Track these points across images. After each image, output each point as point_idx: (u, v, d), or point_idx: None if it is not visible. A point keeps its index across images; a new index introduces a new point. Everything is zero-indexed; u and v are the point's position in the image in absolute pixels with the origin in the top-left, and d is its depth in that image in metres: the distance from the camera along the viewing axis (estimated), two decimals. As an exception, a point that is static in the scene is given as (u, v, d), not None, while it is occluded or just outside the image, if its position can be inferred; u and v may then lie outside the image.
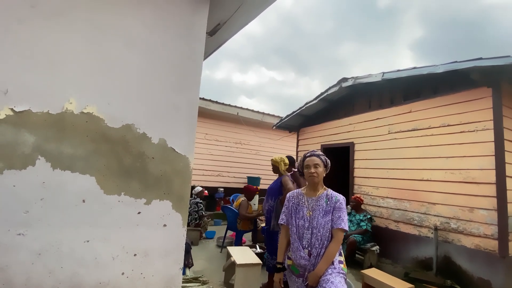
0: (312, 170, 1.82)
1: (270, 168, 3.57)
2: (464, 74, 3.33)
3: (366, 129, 4.96)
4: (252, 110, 8.29)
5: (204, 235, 5.11)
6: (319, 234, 1.73)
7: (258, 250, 3.87)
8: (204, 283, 2.48)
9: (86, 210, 1.22)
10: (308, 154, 1.89)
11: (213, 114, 7.73)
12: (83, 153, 1.24)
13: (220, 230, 5.49)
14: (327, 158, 1.90)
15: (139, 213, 1.32)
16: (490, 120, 3.28)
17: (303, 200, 1.87)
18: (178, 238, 1.39)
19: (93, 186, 1.24)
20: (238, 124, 8.40)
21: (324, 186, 1.90)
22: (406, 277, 3.30)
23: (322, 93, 5.53)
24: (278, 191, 3.12)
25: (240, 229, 4.34)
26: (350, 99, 5.47)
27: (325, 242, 1.73)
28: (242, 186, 5.84)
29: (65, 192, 1.19)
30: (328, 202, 1.79)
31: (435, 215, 3.72)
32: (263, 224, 4.64)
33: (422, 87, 4.15)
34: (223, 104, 7.72)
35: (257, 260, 2.93)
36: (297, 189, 1.99)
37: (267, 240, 3.22)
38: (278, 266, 1.86)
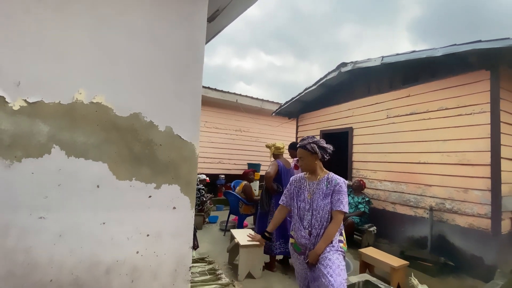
0: (299, 163, 1.98)
1: (270, 154, 3.67)
2: (463, 57, 3.34)
3: (365, 114, 5.01)
4: (251, 97, 8.28)
5: (207, 219, 5.27)
6: (318, 215, 1.83)
7: (260, 232, 4.02)
8: (210, 263, 2.62)
9: (101, 195, 1.30)
10: (298, 146, 1.99)
11: (212, 102, 7.74)
12: (95, 141, 1.30)
13: (222, 215, 5.66)
14: (313, 145, 1.87)
15: (150, 196, 1.40)
16: (487, 103, 3.33)
17: (305, 183, 1.96)
18: (187, 219, 1.48)
19: (106, 172, 1.31)
20: (238, 111, 8.41)
21: (325, 170, 1.97)
22: (402, 255, 3.46)
23: (321, 79, 5.53)
24: None
25: (242, 213, 4.48)
26: (349, 84, 5.48)
27: (324, 223, 1.82)
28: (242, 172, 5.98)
29: (81, 178, 1.26)
30: (328, 186, 1.87)
31: (430, 197, 3.84)
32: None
33: (421, 71, 4.17)
34: (222, 91, 7.70)
35: (260, 241, 3.06)
36: (300, 173, 2.07)
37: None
38: (266, 234, 2.18)
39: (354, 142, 5.20)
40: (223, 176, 7.74)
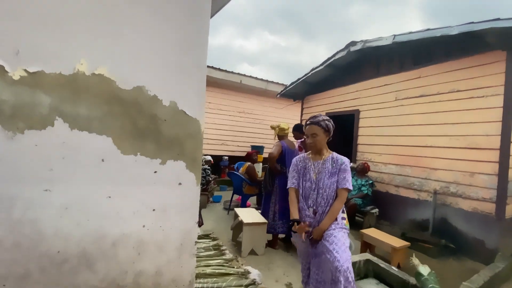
0: (310, 140, 1.88)
1: (275, 135, 3.63)
2: (479, 36, 3.18)
3: (372, 96, 4.89)
4: (256, 78, 8.12)
5: (211, 199, 5.35)
6: (325, 194, 1.83)
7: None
8: (214, 239, 2.67)
9: (106, 169, 1.28)
10: (308, 122, 1.91)
11: (216, 82, 7.61)
12: (98, 115, 1.27)
13: (226, 195, 5.73)
14: (328, 123, 1.89)
15: (155, 172, 1.39)
16: (502, 85, 3.21)
17: (309, 164, 1.94)
18: (193, 195, 1.48)
19: (110, 146, 1.29)
20: (242, 92, 8.29)
21: (329, 150, 1.96)
22: (403, 237, 3.49)
23: (329, 58, 5.36)
24: None
25: (246, 193, 4.53)
26: (357, 64, 5.31)
27: (330, 200, 1.84)
28: (245, 154, 6.01)
29: (85, 151, 1.24)
30: (334, 165, 1.87)
31: (435, 180, 3.82)
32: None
33: (434, 50, 4.00)
34: (226, 71, 7.55)
35: (262, 220, 3.10)
36: (303, 154, 2.05)
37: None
38: (296, 221, 1.86)
39: (360, 124, 5.12)
40: (227, 157, 7.77)
